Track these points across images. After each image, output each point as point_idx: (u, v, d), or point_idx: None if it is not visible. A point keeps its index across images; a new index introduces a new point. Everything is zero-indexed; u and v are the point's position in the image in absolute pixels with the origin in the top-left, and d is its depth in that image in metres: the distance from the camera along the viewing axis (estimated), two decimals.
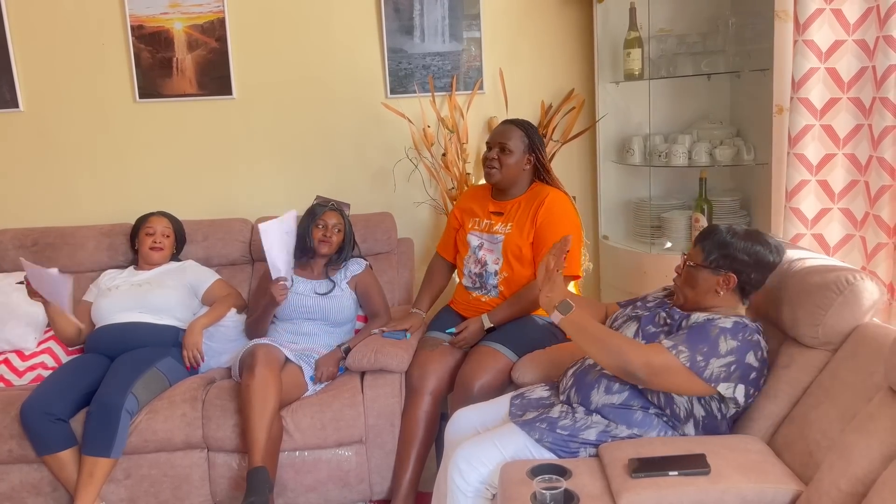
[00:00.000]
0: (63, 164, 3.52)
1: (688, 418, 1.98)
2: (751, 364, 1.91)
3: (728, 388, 1.90)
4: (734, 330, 1.91)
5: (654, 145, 3.21)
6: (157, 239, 3.08)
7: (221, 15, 3.39)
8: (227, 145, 3.54)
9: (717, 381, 1.89)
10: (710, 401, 1.96)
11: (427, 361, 2.71)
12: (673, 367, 1.89)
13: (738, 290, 2.01)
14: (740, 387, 1.90)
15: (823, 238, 2.53)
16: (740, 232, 2.01)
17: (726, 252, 1.98)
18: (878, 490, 1.46)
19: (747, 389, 1.92)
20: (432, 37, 3.46)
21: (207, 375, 2.85)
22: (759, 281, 2.01)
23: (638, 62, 3.15)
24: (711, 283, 2.00)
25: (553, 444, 1.99)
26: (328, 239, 2.91)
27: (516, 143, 2.74)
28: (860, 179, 2.44)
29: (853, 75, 2.41)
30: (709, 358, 1.89)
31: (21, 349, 2.97)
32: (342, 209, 3.00)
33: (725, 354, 1.89)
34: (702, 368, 1.88)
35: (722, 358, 1.89)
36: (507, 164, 2.74)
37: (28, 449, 2.56)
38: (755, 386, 1.94)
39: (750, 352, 1.91)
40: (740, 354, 1.89)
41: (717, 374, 1.88)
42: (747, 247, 1.98)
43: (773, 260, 1.99)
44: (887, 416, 1.55)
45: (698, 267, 2.02)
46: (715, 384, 1.89)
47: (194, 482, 2.65)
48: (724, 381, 1.89)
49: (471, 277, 2.85)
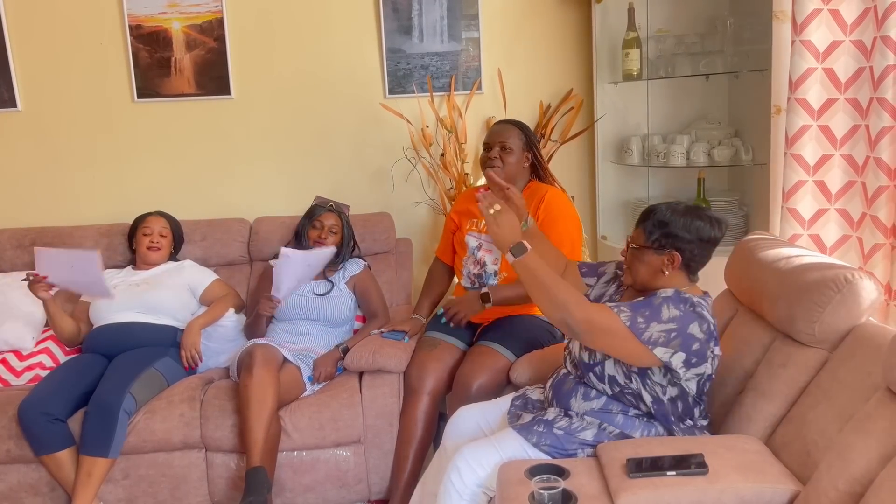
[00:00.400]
0: (61, 164, 3.51)
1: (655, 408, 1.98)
2: (693, 335, 1.87)
3: (665, 352, 1.86)
4: (676, 300, 1.90)
5: (653, 145, 3.21)
6: (154, 239, 3.07)
7: (220, 15, 3.39)
8: (226, 145, 3.54)
9: (655, 344, 1.86)
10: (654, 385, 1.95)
11: (425, 362, 2.70)
12: (613, 326, 1.87)
13: (683, 267, 1.98)
14: (679, 354, 1.87)
15: (820, 239, 2.53)
16: (680, 209, 1.99)
17: (667, 230, 1.96)
18: (876, 490, 1.47)
19: (688, 358, 1.88)
20: (431, 37, 3.46)
21: (205, 375, 2.85)
22: (704, 256, 1.99)
23: (636, 62, 3.16)
24: (657, 263, 1.98)
25: (551, 447, 1.99)
26: (323, 240, 2.91)
27: (515, 142, 2.75)
28: (857, 180, 2.44)
29: (850, 76, 2.41)
30: (650, 321, 1.87)
31: (19, 349, 2.97)
32: (341, 211, 3.00)
33: (667, 321, 1.87)
34: (641, 330, 1.86)
35: (663, 324, 1.87)
36: (508, 163, 2.74)
37: (26, 449, 2.56)
38: (699, 357, 1.89)
39: (693, 323, 1.88)
40: (682, 323, 1.87)
41: (655, 338, 1.86)
42: (687, 223, 1.95)
43: (714, 235, 1.97)
44: (885, 416, 1.55)
45: (642, 248, 2.00)
46: (652, 347, 1.86)
47: (192, 482, 2.64)
48: (662, 346, 1.86)
49: (469, 278, 2.85)
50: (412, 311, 2.99)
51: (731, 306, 2.35)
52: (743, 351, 2.15)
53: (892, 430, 1.51)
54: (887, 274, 2.30)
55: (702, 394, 1.99)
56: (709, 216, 1.99)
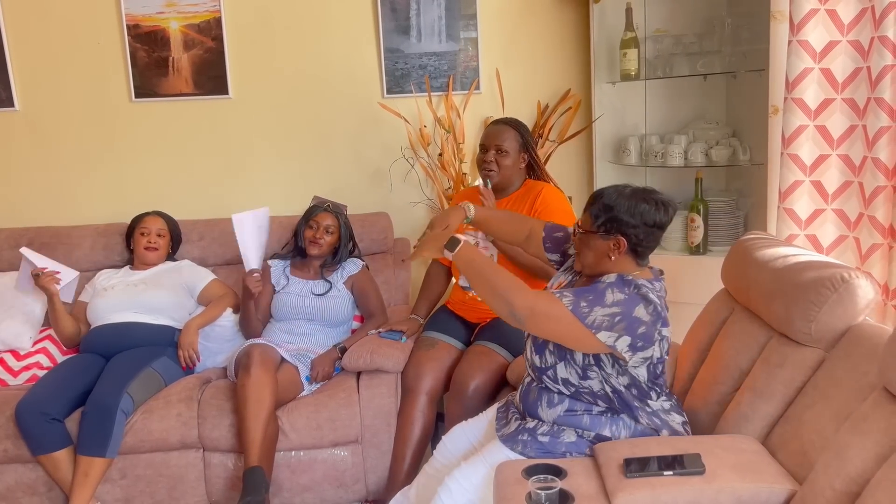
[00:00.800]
0: (59, 164, 3.51)
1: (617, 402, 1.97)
2: (639, 317, 1.85)
3: (610, 336, 1.84)
4: (620, 284, 1.88)
5: (651, 146, 3.21)
6: (151, 239, 3.07)
7: (218, 14, 3.39)
8: (224, 145, 3.54)
9: (599, 328, 1.84)
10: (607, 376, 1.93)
11: (423, 361, 2.71)
12: (555, 312, 1.85)
13: (630, 252, 1.95)
14: (624, 338, 1.85)
15: (817, 239, 2.53)
16: (626, 192, 1.96)
17: (612, 215, 1.93)
18: (872, 490, 1.47)
19: (633, 342, 1.86)
20: (429, 37, 3.46)
21: (203, 375, 2.85)
22: (651, 241, 1.96)
23: (634, 62, 3.16)
24: (603, 248, 1.96)
25: (538, 452, 1.99)
26: (317, 241, 2.91)
27: (511, 144, 2.75)
28: (854, 180, 2.44)
29: (847, 76, 2.41)
30: (593, 306, 1.85)
31: (16, 349, 2.97)
32: (338, 211, 3.00)
33: (611, 305, 1.85)
34: (585, 315, 1.84)
35: (607, 308, 1.84)
36: (504, 166, 2.74)
37: (23, 449, 2.56)
38: (645, 340, 1.87)
39: (638, 305, 1.86)
40: (626, 307, 1.85)
41: (599, 322, 1.84)
42: (632, 207, 1.92)
43: (659, 218, 1.94)
44: (881, 416, 1.55)
45: (588, 233, 1.98)
46: (596, 331, 1.83)
47: (190, 482, 2.64)
48: (607, 330, 1.84)
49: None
50: (410, 312, 2.99)
51: (728, 305, 2.35)
52: (739, 350, 2.15)
53: (888, 430, 1.52)
54: (885, 274, 2.30)
55: (656, 377, 1.97)
56: (655, 199, 1.95)
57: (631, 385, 1.95)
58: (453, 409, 2.59)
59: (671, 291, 2.99)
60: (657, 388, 2.01)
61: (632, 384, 1.95)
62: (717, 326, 2.34)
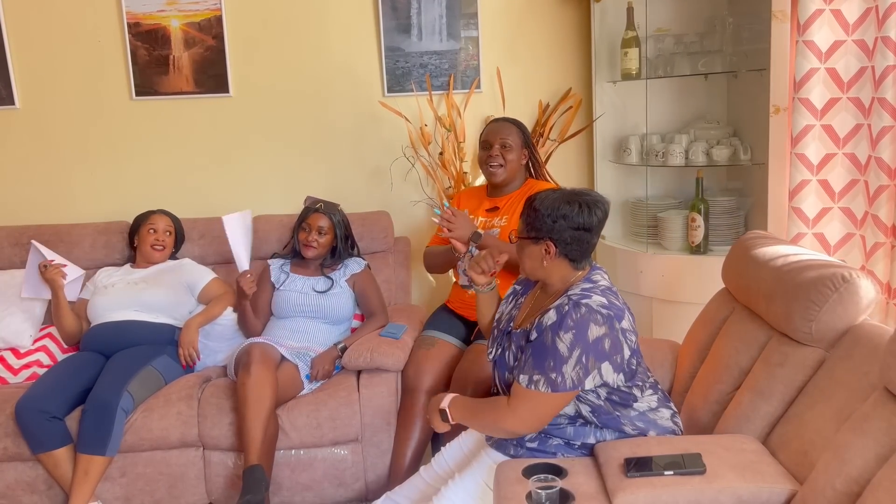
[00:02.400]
0: (59, 162, 3.51)
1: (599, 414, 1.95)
2: (598, 337, 1.81)
3: (593, 378, 1.83)
4: (560, 321, 1.82)
5: (651, 145, 3.21)
6: (159, 237, 3.07)
7: (218, 13, 3.38)
8: (224, 143, 3.53)
9: (580, 382, 1.82)
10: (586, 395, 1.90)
11: (423, 360, 2.71)
12: (537, 402, 1.85)
13: (562, 256, 1.92)
14: (605, 366, 1.83)
15: (824, 237, 2.53)
16: (553, 196, 1.92)
17: (538, 220, 1.91)
18: (873, 490, 1.47)
19: (612, 362, 1.84)
20: (430, 35, 3.45)
21: (203, 374, 2.84)
22: (581, 243, 1.92)
23: (635, 62, 3.15)
24: (536, 253, 1.94)
25: (529, 454, 1.98)
26: (310, 243, 2.90)
27: (515, 139, 2.76)
28: (860, 179, 2.44)
29: (853, 75, 2.42)
30: (559, 368, 1.81)
31: (16, 347, 2.96)
32: (330, 211, 2.98)
33: (570, 353, 1.80)
34: (561, 384, 1.82)
35: (570, 360, 1.81)
36: (509, 160, 2.75)
37: (23, 447, 2.56)
38: (617, 349, 1.84)
39: (589, 327, 1.81)
40: (581, 339, 1.80)
41: (575, 378, 1.82)
42: (554, 211, 1.89)
43: (582, 220, 1.89)
44: (882, 416, 1.55)
45: (521, 240, 1.97)
46: (581, 386, 1.83)
47: (190, 481, 2.64)
48: (586, 377, 1.82)
49: (465, 276, 2.84)
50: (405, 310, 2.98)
51: (728, 305, 2.35)
52: (740, 349, 2.14)
53: (889, 430, 1.51)
54: (887, 273, 2.30)
55: (633, 375, 1.93)
56: (579, 201, 1.91)
57: (610, 393, 1.91)
58: None
59: (671, 292, 3.02)
60: (637, 384, 1.96)
61: (610, 392, 1.91)
62: (718, 326, 2.34)
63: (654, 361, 2.47)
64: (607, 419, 1.94)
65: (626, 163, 3.31)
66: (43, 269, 2.91)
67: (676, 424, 2.05)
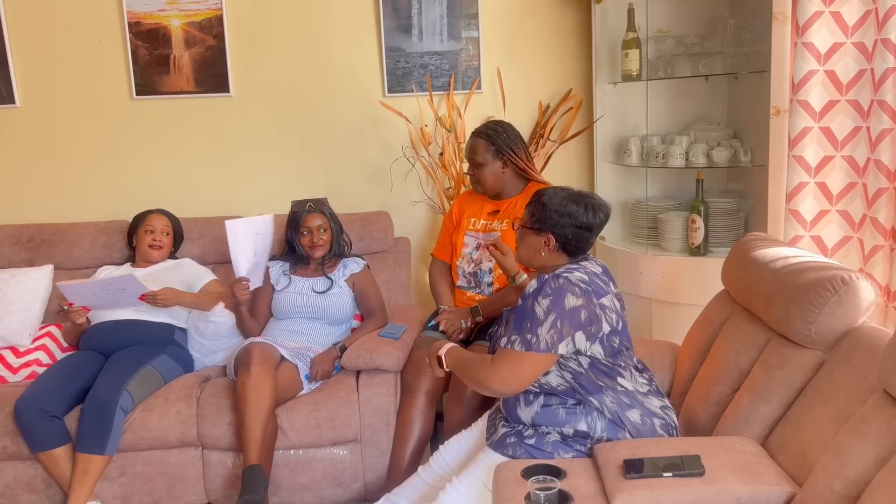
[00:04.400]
0: (59, 161, 3.51)
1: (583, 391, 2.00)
2: (574, 306, 1.91)
3: (566, 345, 1.91)
4: (539, 288, 1.94)
5: (652, 146, 3.21)
6: (156, 237, 3.07)
7: (219, 12, 3.38)
8: (224, 143, 3.54)
9: (554, 346, 1.90)
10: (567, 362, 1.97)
11: (422, 361, 2.70)
12: (515, 362, 1.94)
13: (560, 249, 2.05)
14: (578, 335, 1.92)
15: (822, 240, 2.53)
16: (562, 194, 2.07)
17: (545, 213, 2.04)
18: (872, 492, 1.47)
19: (586, 331, 1.92)
20: (430, 36, 3.45)
21: (202, 373, 2.84)
22: (580, 241, 2.05)
23: (636, 63, 3.15)
24: (535, 243, 2.06)
25: (527, 454, 1.99)
26: (316, 244, 2.90)
27: (483, 155, 2.77)
28: (858, 182, 2.44)
29: (852, 78, 2.42)
30: (535, 330, 1.91)
31: (16, 346, 2.97)
32: (321, 207, 2.98)
33: (546, 317, 1.90)
34: (535, 344, 1.91)
35: (545, 323, 1.90)
36: (483, 178, 2.78)
37: (22, 446, 2.56)
38: (592, 322, 1.93)
39: (566, 296, 1.91)
40: (557, 306, 1.90)
41: (549, 341, 1.90)
42: (562, 207, 2.02)
43: (588, 220, 2.03)
44: (881, 418, 1.55)
45: (523, 228, 2.11)
46: (554, 350, 1.91)
47: (189, 480, 2.64)
48: (560, 342, 1.90)
49: (465, 277, 2.85)
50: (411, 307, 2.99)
51: (728, 306, 2.35)
52: (739, 351, 2.15)
53: (888, 433, 1.52)
54: (886, 275, 2.30)
55: (615, 353, 2.00)
56: (586, 203, 2.04)
57: (591, 366, 1.98)
58: (452, 409, 2.58)
59: (671, 293, 3.02)
60: (622, 364, 2.02)
61: (591, 364, 1.98)
62: (717, 327, 2.34)
63: (654, 363, 2.47)
64: (591, 387, 1.99)
65: (626, 164, 3.31)
66: (63, 312, 2.81)
67: (668, 416, 2.06)
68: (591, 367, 1.98)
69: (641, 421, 2.01)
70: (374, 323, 2.93)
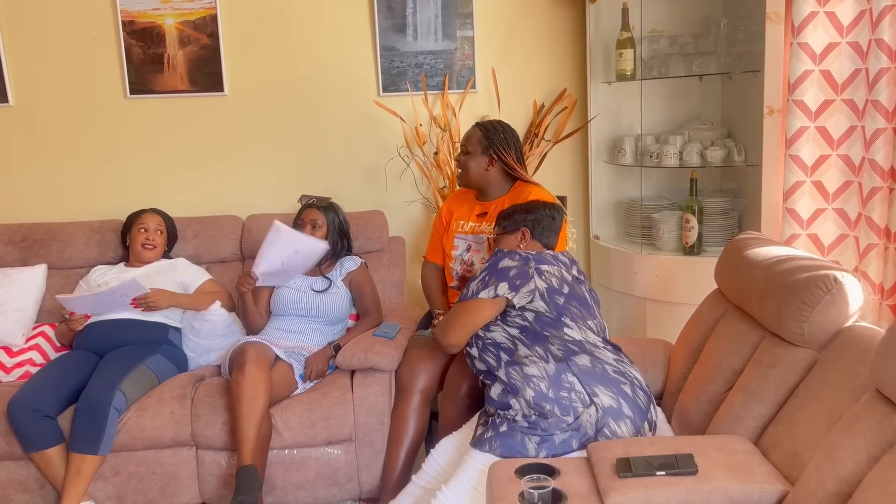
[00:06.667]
0: (53, 160, 3.50)
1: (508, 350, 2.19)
2: (506, 266, 2.23)
3: (489, 292, 2.20)
4: (493, 256, 2.31)
5: (646, 146, 3.21)
6: (150, 237, 3.06)
7: (213, 11, 3.38)
8: (219, 142, 3.53)
9: (477, 293, 2.22)
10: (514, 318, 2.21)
11: (417, 360, 2.70)
12: (451, 314, 2.31)
13: (536, 239, 2.40)
14: (501, 285, 2.20)
15: (818, 238, 2.54)
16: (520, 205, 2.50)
17: (511, 217, 2.43)
18: (864, 491, 1.47)
19: (511, 283, 2.19)
20: (425, 35, 3.45)
21: (196, 373, 2.84)
22: (549, 226, 2.42)
23: (630, 62, 3.16)
24: (514, 241, 2.40)
25: (502, 444, 2.03)
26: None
27: (474, 146, 2.78)
28: (854, 180, 2.45)
29: (847, 77, 2.43)
30: (469, 285, 2.27)
31: (9, 345, 2.96)
32: (322, 205, 2.98)
33: (479, 274, 2.27)
34: (465, 294, 2.27)
35: (477, 278, 2.27)
36: (467, 165, 2.79)
37: (15, 446, 2.55)
38: (521, 278, 2.20)
39: (503, 259, 2.25)
40: (492, 265, 2.26)
41: (474, 289, 2.24)
42: (524, 208, 2.45)
43: (548, 213, 2.43)
44: (873, 417, 1.55)
45: (499, 236, 2.44)
46: (475, 296, 2.22)
47: (183, 480, 2.64)
48: (484, 290, 2.21)
49: (458, 279, 2.85)
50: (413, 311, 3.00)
51: (721, 306, 2.36)
52: (732, 350, 2.15)
53: (879, 431, 1.52)
54: (881, 274, 2.31)
55: (558, 310, 2.20)
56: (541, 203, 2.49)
57: (536, 319, 2.19)
58: (447, 408, 2.58)
59: (664, 292, 3.03)
60: (568, 319, 2.20)
61: (536, 317, 2.19)
62: (710, 326, 2.35)
63: (647, 361, 2.48)
64: (536, 337, 2.18)
65: (620, 163, 3.32)
66: (65, 321, 2.82)
67: (623, 371, 2.15)
68: (537, 319, 2.19)
69: (591, 365, 2.11)
70: (369, 322, 2.93)
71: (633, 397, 2.10)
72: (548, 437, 2.02)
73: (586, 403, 2.06)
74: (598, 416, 2.04)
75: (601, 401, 2.06)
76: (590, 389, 2.07)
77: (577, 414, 2.04)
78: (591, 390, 2.07)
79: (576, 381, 2.07)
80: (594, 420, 2.04)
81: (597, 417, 2.04)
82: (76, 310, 2.81)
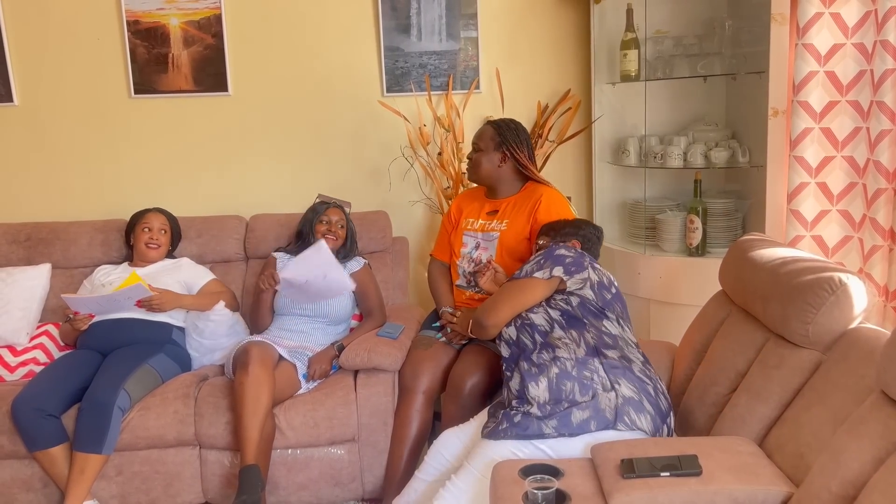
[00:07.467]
0: (57, 159, 3.51)
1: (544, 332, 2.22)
2: (562, 254, 2.29)
3: (543, 273, 2.26)
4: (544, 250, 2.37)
5: (650, 147, 3.21)
6: (154, 236, 3.06)
7: (218, 11, 3.38)
8: (222, 142, 3.53)
9: (531, 273, 2.27)
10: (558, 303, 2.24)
11: (420, 360, 2.70)
12: (504, 290, 2.33)
13: (585, 249, 2.47)
14: (557, 268, 2.26)
15: (822, 239, 2.54)
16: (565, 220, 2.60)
17: (560, 231, 2.53)
18: (869, 493, 1.47)
19: (567, 269, 2.25)
20: (429, 35, 3.45)
21: (200, 372, 2.84)
22: (595, 245, 2.55)
23: (634, 63, 3.16)
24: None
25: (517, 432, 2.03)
26: (333, 234, 2.95)
27: (486, 142, 2.79)
28: (858, 182, 2.45)
29: (852, 79, 2.42)
30: (523, 266, 2.33)
31: (13, 344, 2.96)
32: (343, 207, 3.03)
33: (533, 258, 2.34)
34: (517, 275, 2.32)
35: (532, 261, 2.32)
36: (479, 161, 2.79)
37: (19, 445, 2.55)
38: (577, 266, 2.27)
39: (560, 249, 2.32)
40: (549, 251, 2.32)
41: (528, 270, 2.29)
42: (572, 223, 2.56)
43: (593, 231, 2.56)
44: (878, 419, 1.55)
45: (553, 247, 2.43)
46: (528, 276, 2.27)
47: (186, 479, 2.64)
48: (539, 271, 2.27)
49: (465, 277, 2.85)
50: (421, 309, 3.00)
51: (725, 307, 2.35)
52: (736, 351, 2.15)
53: (885, 433, 1.52)
54: (885, 275, 2.30)
55: (605, 303, 2.24)
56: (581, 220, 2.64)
57: (580, 304, 2.23)
58: (450, 409, 2.58)
59: (668, 293, 3.03)
60: (613, 316, 2.23)
61: (581, 303, 2.23)
62: (715, 328, 2.34)
63: (651, 363, 2.47)
64: (573, 322, 2.21)
65: (624, 164, 3.32)
66: (70, 321, 2.83)
67: (647, 369, 2.16)
68: (581, 305, 2.23)
69: (619, 361, 2.12)
70: (373, 322, 2.93)
71: (656, 399, 2.09)
72: (565, 416, 2.01)
73: (607, 388, 2.05)
74: (617, 402, 2.03)
75: (622, 391, 2.05)
76: (613, 378, 2.07)
77: (596, 393, 2.04)
78: (614, 379, 2.07)
79: (600, 368, 2.09)
80: (613, 405, 2.02)
81: (616, 403, 2.03)
82: (81, 309, 2.81)
